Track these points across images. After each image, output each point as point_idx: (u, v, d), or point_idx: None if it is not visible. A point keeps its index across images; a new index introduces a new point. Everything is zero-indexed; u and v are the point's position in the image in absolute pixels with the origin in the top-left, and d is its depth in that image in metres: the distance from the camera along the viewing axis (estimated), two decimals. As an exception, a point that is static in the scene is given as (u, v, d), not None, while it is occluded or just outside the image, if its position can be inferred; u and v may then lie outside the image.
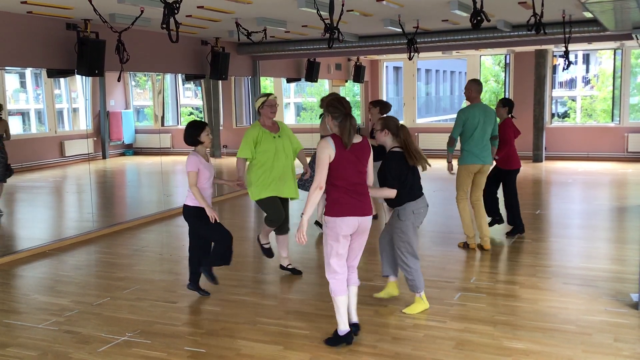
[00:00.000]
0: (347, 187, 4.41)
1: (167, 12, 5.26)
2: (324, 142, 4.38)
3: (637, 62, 18.08)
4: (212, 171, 5.56)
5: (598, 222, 8.79)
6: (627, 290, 5.58)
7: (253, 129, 6.03)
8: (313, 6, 6.77)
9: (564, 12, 8.59)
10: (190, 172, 5.38)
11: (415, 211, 5.12)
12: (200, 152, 5.49)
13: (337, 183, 4.39)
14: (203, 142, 5.47)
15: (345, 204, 4.39)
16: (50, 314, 5.37)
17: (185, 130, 5.51)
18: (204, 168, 5.45)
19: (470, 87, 7.06)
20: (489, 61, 23.73)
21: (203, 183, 5.46)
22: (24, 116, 14.55)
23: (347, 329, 4.54)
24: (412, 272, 5.16)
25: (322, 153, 4.33)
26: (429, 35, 10.52)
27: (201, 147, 5.50)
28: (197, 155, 5.44)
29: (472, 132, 6.91)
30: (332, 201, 4.42)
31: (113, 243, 8.05)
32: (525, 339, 4.58)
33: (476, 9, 5.98)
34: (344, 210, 4.38)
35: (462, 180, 7.09)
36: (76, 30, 7.98)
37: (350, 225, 4.41)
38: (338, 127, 4.42)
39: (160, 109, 15.32)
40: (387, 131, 5.08)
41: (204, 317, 5.26)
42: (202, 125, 5.52)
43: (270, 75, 14.09)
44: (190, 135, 5.48)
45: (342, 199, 4.40)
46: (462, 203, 7.15)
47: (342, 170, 4.38)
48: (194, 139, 5.47)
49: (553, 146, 15.84)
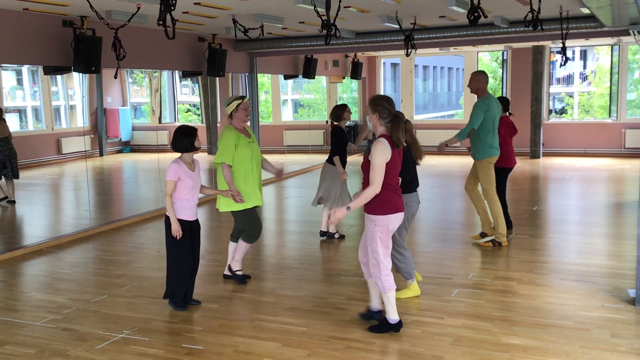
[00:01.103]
0: (395, 185, 4.59)
1: (163, 8, 5.24)
2: (381, 145, 4.42)
3: (634, 58, 18.09)
4: (197, 181, 5.21)
5: (595, 218, 8.80)
6: (624, 286, 5.60)
7: (230, 132, 5.69)
8: (310, 2, 6.75)
9: (561, 8, 8.58)
10: (168, 181, 5.07)
11: (408, 203, 5.27)
12: (186, 160, 5.16)
13: (388, 182, 4.49)
14: (197, 148, 5.15)
15: (394, 202, 4.56)
16: (47, 312, 5.36)
17: (174, 136, 5.15)
18: (187, 177, 5.11)
19: (480, 78, 6.96)
20: (487, 57, 23.72)
21: (184, 194, 5.12)
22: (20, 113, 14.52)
23: (399, 317, 4.70)
24: (405, 259, 5.39)
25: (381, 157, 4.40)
26: (426, 31, 10.51)
27: (188, 154, 5.17)
28: (180, 164, 5.11)
29: (491, 124, 6.90)
30: (382, 200, 4.49)
31: (111, 240, 8.05)
32: (523, 335, 4.59)
33: (473, 5, 5.98)
34: (394, 207, 4.55)
35: (489, 173, 6.98)
36: (73, 27, 7.95)
37: (399, 220, 4.62)
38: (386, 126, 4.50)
39: (158, 106, 15.30)
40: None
41: (201, 314, 5.25)
42: (194, 131, 5.16)
43: (267, 72, 14.07)
44: (182, 141, 5.13)
45: (391, 197, 4.53)
46: (495, 198, 7.01)
47: (392, 171, 4.51)
48: (186, 146, 5.14)
49: (550, 142, 15.85)
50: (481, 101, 6.90)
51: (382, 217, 4.51)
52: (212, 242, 7.82)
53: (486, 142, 6.93)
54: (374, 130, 4.61)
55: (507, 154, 7.53)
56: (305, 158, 14.94)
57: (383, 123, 4.50)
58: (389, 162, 4.44)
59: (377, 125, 4.54)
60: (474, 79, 6.99)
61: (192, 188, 5.16)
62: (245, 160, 5.70)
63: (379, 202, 4.49)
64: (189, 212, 5.19)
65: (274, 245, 7.94)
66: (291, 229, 8.77)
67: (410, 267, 5.44)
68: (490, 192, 7.04)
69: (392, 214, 4.54)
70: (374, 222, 4.53)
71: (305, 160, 14.81)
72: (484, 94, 6.95)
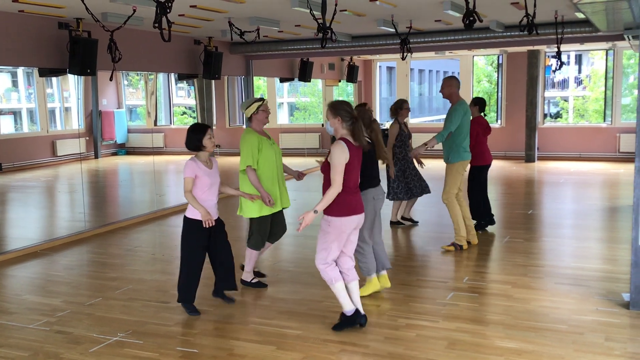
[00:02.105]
0: (352, 188, 4.68)
1: (159, 11, 5.24)
2: (341, 146, 4.56)
3: (629, 63, 18.15)
4: (215, 179, 5.12)
5: (590, 222, 8.82)
6: (618, 289, 5.61)
7: (251, 136, 5.62)
8: (306, 6, 6.77)
9: (556, 13, 8.62)
10: (186, 178, 5.01)
11: (375, 197, 5.41)
12: (202, 158, 5.09)
13: (346, 185, 4.60)
14: (205, 146, 5.05)
15: (350, 205, 4.66)
16: (41, 314, 5.34)
17: (187, 135, 5.09)
18: (204, 175, 5.04)
19: (452, 84, 7.08)
20: (482, 61, 23.79)
21: (202, 192, 5.06)
22: (15, 115, 14.49)
23: (353, 308, 4.76)
24: (365, 254, 5.44)
25: (340, 157, 4.53)
26: (422, 35, 10.53)
27: (203, 152, 5.09)
28: (196, 161, 5.04)
29: (467, 128, 7.03)
30: (337, 202, 4.59)
31: (105, 243, 8.02)
32: (517, 339, 4.60)
33: (469, 9, 5.99)
34: (349, 210, 4.65)
35: (458, 177, 7.08)
36: (68, 29, 7.94)
37: (354, 222, 4.71)
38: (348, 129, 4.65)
39: (153, 109, 15.29)
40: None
41: (196, 317, 5.24)
42: (204, 128, 5.09)
43: (263, 75, 14.08)
44: (191, 139, 5.07)
45: (347, 199, 4.63)
46: (454, 202, 7.13)
47: (350, 173, 4.61)
48: (195, 144, 5.07)
49: (545, 146, 15.89)
50: (459, 105, 7.03)
51: (337, 219, 4.64)
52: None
53: (462, 146, 7.04)
54: (334, 133, 4.73)
55: (483, 152, 7.81)
56: (301, 161, 14.92)
57: (345, 126, 4.65)
58: (348, 164, 4.57)
59: (338, 129, 4.68)
60: (446, 85, 7.10)
61: (210, 186, 5.08)
62: (270, 162, 5.65)
63: (335, 203, 4.60)
64: (210, 211, 5.09)
65: (269, 248, 7.92)
66: (287, 232, 8.74)
67: (369, 264, 5.49)
68: (451, 194, 7.12)
69: (346, 217, 4.64)
70: (327, 223, 4.68)
71: (300, 163, 14.78)
72: (458, 98, 7.07)
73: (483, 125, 7.91)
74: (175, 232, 8.80)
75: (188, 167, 5.03)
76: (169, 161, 14.49)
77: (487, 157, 7.94)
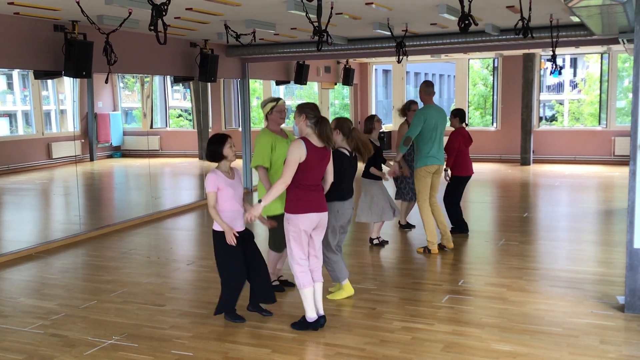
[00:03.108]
0: (312, 185, 4.79)
1: (155, 13, 5.24)
2: (298, 143, 4.68)
3: (623, 66, 18.19)
4: (238, 189, 4.98)
5: (585, 224, 8.84)
6: (613, 292, 5.62)
7: (265, 135, 5.57)
8: (302, 9, 6.77)
9: (552, 16, 8.64)
10: (209, 193, 4.84)
11: (340, 211, 5.41)
12: (223, 169, 4.92)
13: (302, 182, 4.74)
14: (226, 156, 4.90)
15: (308, 202, 4.77)
16: (36, 317, 5.32)
17: (207, 146, 4.94)
18: (226, 186, 4.88)
19: (420, 90, 7.26)
20: (478, 64, 23.81)
21: (227, 204, 4.90)
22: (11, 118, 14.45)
23: (316, 316, 4.89)
24: (332, 264, 5.52)
25: (294, 154, 4.66)
26: (417, 38, 10.55)
27: (224, 162, 4.92)
28: (217, 173, 4.88)
29: (430, 133, 7.03)
30: (295, 199, 4.77)
31: (100, 246, 8.00)
32: (513, 341, 4.60)
33: (464, 13, 6.00)
34: (306, 207, 4.76)
35: (424, 182, 7.11)
36: (64, 32, 7.92)
37: (311, 220, 4.78)
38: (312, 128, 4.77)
39: (149, 111, 15.26)
40: (339, 131, 5.42)
41: (191, 320, 5.23)
42: (224, 138, 4.91)
43: (259, 78, 14.07)
44: (211, 151, 4.90)
45: (305, 196, 4.77)
46: (426, 205, 7.16)
47: (309, 171, 4.74)
48: (216, 155, 4.90)
49: (540, 149, 15.92)
50: (419, 112, 7.12)
51: (294, 216, 4.75)
52: (202, 247, 7.80)
53: (424, 151, 7.07)
54: (299, 132, 4.84)
55: (464, 163, 7.90)
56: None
57: (309, 124, 4.76)
58: (304, 162, 4.68)
59: (303, 128, 4.80)
60: (419, 90, 7.28)
61: (233, 196, 4.93)
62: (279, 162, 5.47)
63: (293, 200, 4.76)
64: (236, 222, 4.96)
65: (264, 252, 7.91)
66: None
67: (338, 272, 5.54)
68: (422, 200, 7.15)
69: (303, 214, 4.74)
70: (287, 221, 4.80)
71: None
72: (427, 103, 7.16)
73: (465, 137, 7.99)
74: (171, 235, 8.79)
75: (210, 181, 4.86)
76: (165, 164, 14.46)
77: (468, 169, 7.99)
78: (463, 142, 7.93)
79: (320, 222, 4.86)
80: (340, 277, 5.60)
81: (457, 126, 8.02)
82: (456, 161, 7.81)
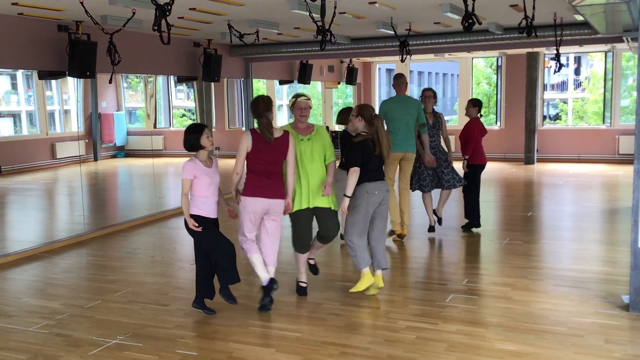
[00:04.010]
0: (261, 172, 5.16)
1: (158, 13, 5.25)
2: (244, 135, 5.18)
3: (627, 65, 18.15)
4: (215, 178, 5.13)
5: (589, 224, 8.82)
6: (618, 292, 5.61)
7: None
8: (305, 8, 6.77)
9: (555, 15, 8.63)
10: (184, 180, 5.03)
11: (369, 191, 5.41)
12: (201, 158, 5.10)
13: (252, 168, 5.19)
14: (204, 146, 5.08)
15: (255, 187, 5.17)
16: (41, 317, 5.34)
17: (184, 135, 5.10)
18: (203, 174, 5.05)
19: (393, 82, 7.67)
20: (481, 63, 23.76)
21: (202, 191, 5.07)
22: (15, 118, 14.47)
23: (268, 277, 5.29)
24: (355, 248, 5.48)
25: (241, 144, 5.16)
26: (421, 37, 10.54)
27: (202, 152, 5.10)
28: (195, 162, 5.06)
29: (393, 123, 7.25)
30: (246, 183, 5.25)
31: (104, 245, 8.02)
32: (517, 341, 4.60)
33: (468, 12, 5.99)
34: (252, 192, 5.18)
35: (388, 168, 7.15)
36: (67, 32, 7.94)
37: (259, 204, 5.17)
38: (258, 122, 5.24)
39: (153, 111, 15.28)
40: (360, 117, 5.48)
41: (195, 319, 5.24)
42: (201, 128, 5.11)
43: (262, 77, 14.08)
44: (188, 140, 5.08)
45: (253, 181, 5.19)
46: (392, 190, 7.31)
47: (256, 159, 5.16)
48: (193, 144, 5.07)
49: (544, 148, 15.90)
50: (381, 104, 7.59)
51: (243, 198, 5.22)
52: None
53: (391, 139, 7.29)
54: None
55: (479, 152, 7.99)
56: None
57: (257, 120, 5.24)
58: (251, 151, 5.13)
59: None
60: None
61: (210, 185, 5.08)
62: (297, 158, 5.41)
63: (246, 183, 5.24)
64: (210, 208, 5.11)
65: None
66: (286, 234, 8.74)
67: (359, 257, 5.48)
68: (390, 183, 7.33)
69: (249, 197, 5.17)
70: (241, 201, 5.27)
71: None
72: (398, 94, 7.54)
73: (480, 126, 8.04)
74: (175, 235, 8.80)
75: (186, 168, 5.05)
76: (169, 163, 14.47)
77: (481, 157, 8.04)
78: (478, 132, 7.96)
79: (271, 208, 5.21)
80: (359, 263, 5.51)
81: (475, 116, 8.03)
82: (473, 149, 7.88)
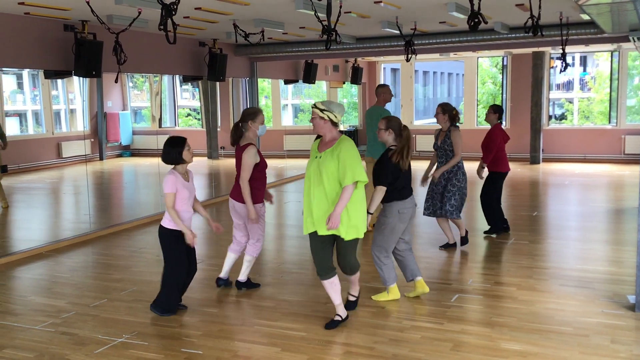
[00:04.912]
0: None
1: (164, 13, 5.26)
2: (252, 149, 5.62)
3: (634, 64, 18.10)
4: (192, 191, 5.20)
5: (595, 224, 8.80)
6: (623, 292, 5.59)
7: (313, 143, 5.07)
8: (311, 8, 6.77)
9: (561, 14, 8.60)
10: (168, 194, 5.01)
11: (400, 211, 5.30)
12: (180, 171, 5.10)
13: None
14: (185, 159, 5.07)
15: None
16: (46, 316, 5.36)
17: (164, 148, 5.04)
18: (183, 188, 5.07)
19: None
20: (487, 63, 23.71)
21: (180, 204, 5.08)
22: (21, 117, 14.52)
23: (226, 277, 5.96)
24: (384, 267, 5.45)
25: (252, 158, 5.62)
26: (426, 37, 10.53)
27: (181, 165, 5.10)
28: (175, 174, 5.06)
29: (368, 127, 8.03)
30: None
31: (110, 244, 8.04)
32: (522, 341, 4.59)
33: (473, 11, 5.99)
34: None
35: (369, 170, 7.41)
36: (74, 32, 7.96)
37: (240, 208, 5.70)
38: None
39: (158, 111, 15.31)
40: (391, 130, 5.32)
41: (200, 318, 5.25)
42: (182, 141, 5.06)
43: (267, 77, 14.09)
44: (169, 153, 5.04)
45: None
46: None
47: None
48: (174, 157, 5.05)
49: (550, 148, 15.86)
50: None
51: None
52: (211, 246, 7.82)
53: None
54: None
55: (503, 159, 7.85)
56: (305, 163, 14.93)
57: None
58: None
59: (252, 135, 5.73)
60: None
61: (188, 198, 5.16)
62: (306, 176, 4.97)
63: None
64: (187, 223, 5.17)
65: (273, 250, 7.94)
66: (290, 233, 8.76)
67: (387, 275, 5.45)
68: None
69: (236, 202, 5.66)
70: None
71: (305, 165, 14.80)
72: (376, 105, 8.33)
73: (503, 133, 7.82)
74: (180, 234, 8.81)
75: (169, 182, 5.03)
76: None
77: (504, 165, 7.84)
78: (502, 138, 7.77)
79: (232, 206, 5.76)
80: (386, 280, 5.48)
81: (495, 122, 7.77)
82: (496, 157, 7.68)
